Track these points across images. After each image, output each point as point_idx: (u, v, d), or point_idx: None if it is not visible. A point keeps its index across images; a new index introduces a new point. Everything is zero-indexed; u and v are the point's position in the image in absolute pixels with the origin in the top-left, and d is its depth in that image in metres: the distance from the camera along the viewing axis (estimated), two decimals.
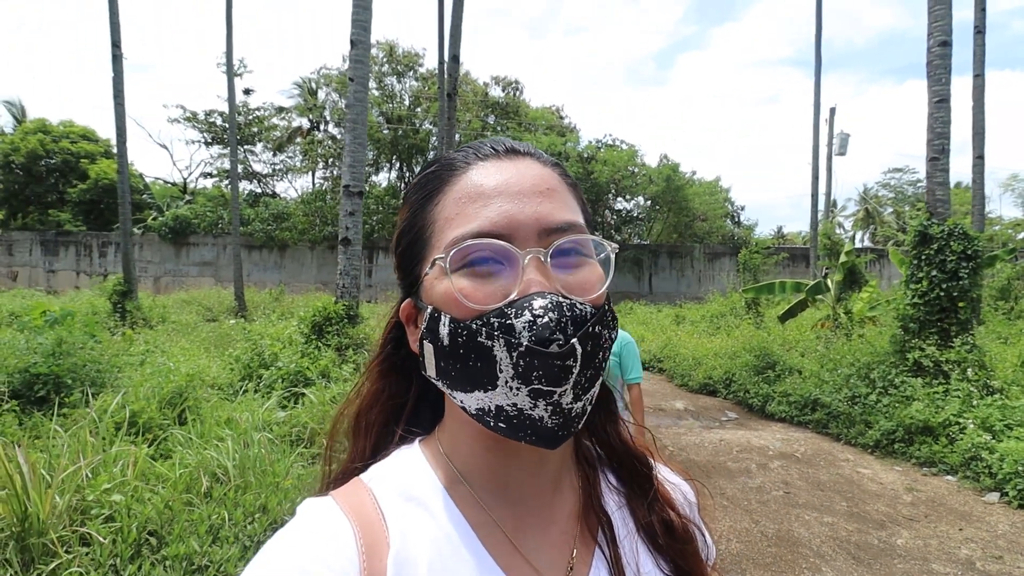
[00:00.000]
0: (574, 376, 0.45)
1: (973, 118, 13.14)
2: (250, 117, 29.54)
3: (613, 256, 0.53)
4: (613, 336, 0.51)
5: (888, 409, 6.17)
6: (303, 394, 4.80)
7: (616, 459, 0.61)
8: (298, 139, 30.79)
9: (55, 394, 4.15)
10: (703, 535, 0.63)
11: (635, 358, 3.23)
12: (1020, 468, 4.67)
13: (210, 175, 31.97)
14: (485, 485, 0.53)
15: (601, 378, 0.50)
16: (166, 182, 31.94)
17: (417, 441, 0.58)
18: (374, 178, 28.98)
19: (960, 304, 6.72)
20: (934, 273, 6.80)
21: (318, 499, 0.52)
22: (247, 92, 30.16)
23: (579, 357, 0.45)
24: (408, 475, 0.54)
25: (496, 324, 0.46)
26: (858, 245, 29.54)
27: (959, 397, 5.87)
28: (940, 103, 7.73)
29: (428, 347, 0.50)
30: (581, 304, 0.47)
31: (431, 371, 0.51)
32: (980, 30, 12.59)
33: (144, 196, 23.71)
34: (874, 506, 4.43)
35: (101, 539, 2.28)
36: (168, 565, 2.33)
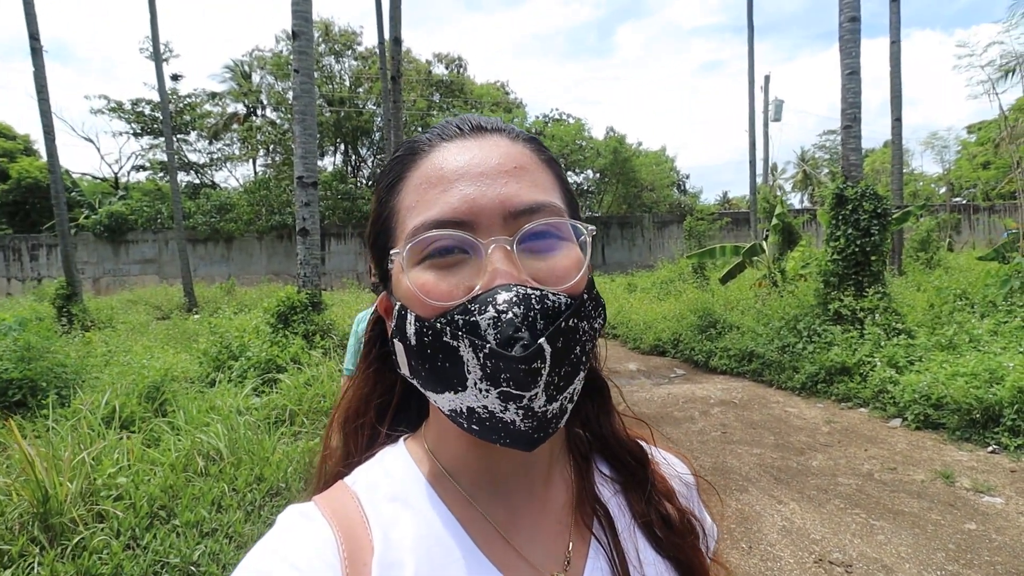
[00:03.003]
0: (543, 378, 0.42)
1: (891, 83, 14.12)
2: (181, 104, 28.27)
3: (590, 240, 0.50)
4: (597, 325, 0.49)
5: (812, 355, 6.92)
6: (277, 380, 5.05)
7: (608, 451, 0.59)
8: (235, 126, 29.68)
9: (31, 397, 4.26)
10: (702, 521, 0.61)
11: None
12: (917, 396, 5.43)
13: (143, 168, 30.54)
14: (473, 481, 0.51)
15: (583, 372, 0.47)
16: (95, 178, 30.31)
17: (402, 439, 0.57)
18: (319, 163, 28.38)
19: (873, 258, 7.50)
20: (850, 231, 7.54)
21: (300, 505, 0.50)
22: (175, 78, 28.80)
23: (548, 358, 0.42)
24: (393, 475, 0.53)
25: (460, 322, 0.43)
26: (798, 206, 30.95)
27: (871, 340, 6.65)
28: (851, 75, 8.39)
29: (399, 345, 0.49)
30: (554, 295, 0.44)
31: (404, 370, 0.50)
32: None
33: (73, 194, 22.49)
34: (797, 437, 5.10)
35: (118, 513, 2.55)
36: (180, 531, 2.63)
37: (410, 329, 0.46)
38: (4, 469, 2.75)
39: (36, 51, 10.74)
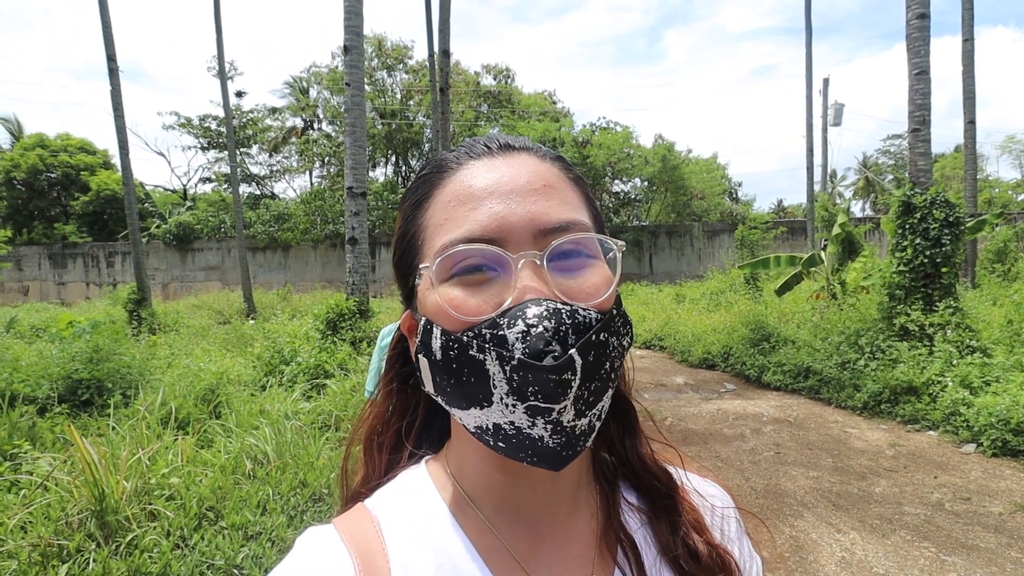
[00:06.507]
0: (574, 390, 0.41)
1: (963, 83, 13.32)
2: (244, 120, 29.76)
3: (620, 255, 0.49)
4: (626, 343, 0.48)
5: (875, 372, 6.50)
6: (324, 385, 5.18)
7: (635, 477, 0.57)
8: (293, 139, 30.95)
9: (97, 397, 4.54)
10: (740, 552, 0.58)
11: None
12: (994, 420, 5.00)
13: (209, 180, 32.31)
14: (495, 507, 0.50)
15: (611, 390, 0.46)
16: (166, 189, 32.30)
17: (424, 461, 0.56)
18: (371, 174, 29.20)
19: (943, 270, 7.00)
20: (918, 241, 7.07)
21: (319, 528, 0.51)
22: (239, 95, 30.39)
23: (579, 369, 0.41)
24: (413, 499, 0.52)
25: (488, 336, 0.43)
26: (859, 214, 29.53)
27: (941, 358, 6.19)
28: (920, 75, 7.92)
29: (423, 361, 0.48)
30: (584, 310, 0.44)
31: (429, 387, 0.49)
32: None
33: (146, 204, 24.05)
34: (857, 461, 4.78)
35: (169, 514, 2.66)
36: (226, 533, 2.71)
37: (435, 344, 0.46)
38: (67, 467, 2.92)
39: (113, 71, 11.56)
